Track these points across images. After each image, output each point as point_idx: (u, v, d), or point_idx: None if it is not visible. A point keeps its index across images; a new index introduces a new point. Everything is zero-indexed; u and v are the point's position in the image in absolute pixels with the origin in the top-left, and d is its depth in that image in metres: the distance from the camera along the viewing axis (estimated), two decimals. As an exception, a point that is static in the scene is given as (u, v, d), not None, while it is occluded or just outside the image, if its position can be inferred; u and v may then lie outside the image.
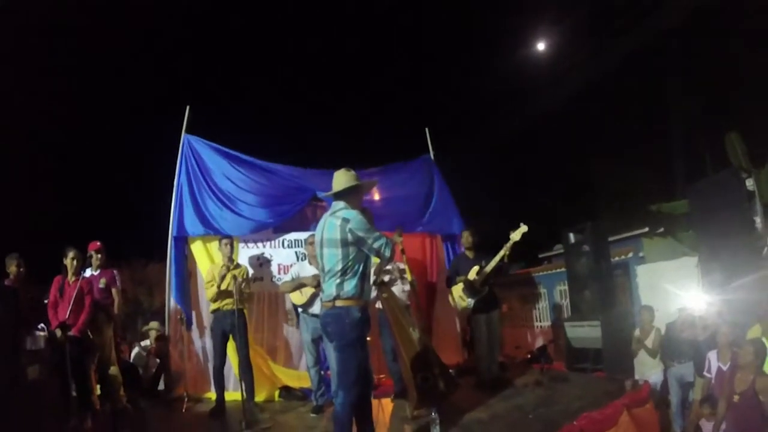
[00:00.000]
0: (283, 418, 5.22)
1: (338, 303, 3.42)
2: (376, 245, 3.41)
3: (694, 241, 6.97)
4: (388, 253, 3.44)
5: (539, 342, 8.92)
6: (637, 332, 5.79)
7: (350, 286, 3.41)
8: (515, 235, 5.77)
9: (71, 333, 4.91)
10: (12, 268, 5.24)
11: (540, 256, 12.03)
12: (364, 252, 3.46)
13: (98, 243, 5.97)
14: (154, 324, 7.37)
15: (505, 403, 5.03)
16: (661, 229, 8.03)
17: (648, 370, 5.58)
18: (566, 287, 7.94)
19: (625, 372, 5.53)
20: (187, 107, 6.91)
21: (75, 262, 5.24)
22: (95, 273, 5.90)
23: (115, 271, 6.07)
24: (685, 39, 10.45)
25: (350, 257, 3.41)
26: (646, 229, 8.24)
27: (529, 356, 7.91)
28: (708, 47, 10.58)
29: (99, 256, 5.92)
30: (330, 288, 3.47)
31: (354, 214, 3.46)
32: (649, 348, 5.60)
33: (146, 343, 7.12)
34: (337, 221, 3.45)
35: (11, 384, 3.96)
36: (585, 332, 6.34)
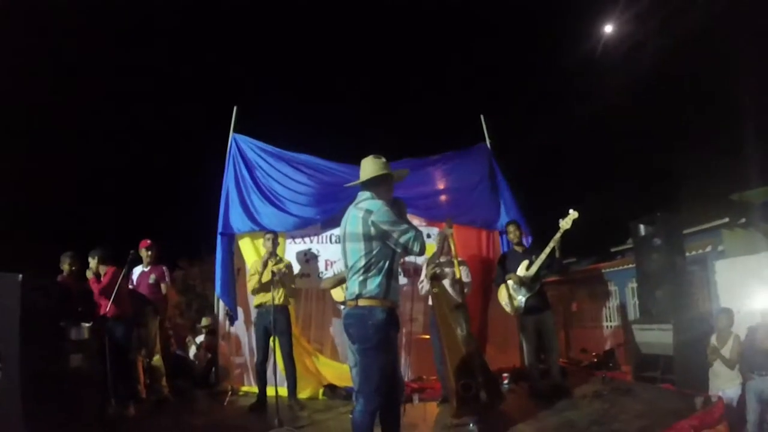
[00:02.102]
0: (321, 417, 5.12)
1: (361, 302, 3.13)
2: (402, 239, 3.08)
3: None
4: (417, 248, 3.10)
5: (609, 344, 8.31)
6: (713, 339, 5.11)
7: (374, 284, 3.10)
8: (565, 223, 5.36)
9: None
10: (65, 266, 5.46)
11: (612, 250, 11.18)
12: (390, 247, 3.16)
13: (148, 241, 6.16)
14: (205, 321, 7.54)
15: (556, 416, 4.58)
16: (743, 220, 7.14)
17: (724, 383, 4.89)
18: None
19: (697, 385, 4.90)
20: (234, 107, 6.95)
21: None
22: (146, 269, 6.09)
23: (164, 268, 6.23)
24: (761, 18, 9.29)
25: (373, 252, 3.12)
26: (726, 220, 7.34)
27: (595, 360, 7.35)
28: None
29: (149, 252, 6.12)
30: (353, 286, 3.18)
31: (378, 205, 3.16)
32: (726, 358, 4.92)
33: (201, 338, 7.28)
34: (359, 213, 3.17)
35: (54, 370, 4.10)
36: (655, 337, 5.73)
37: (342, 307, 5.66)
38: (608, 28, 10.54)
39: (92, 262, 5.37)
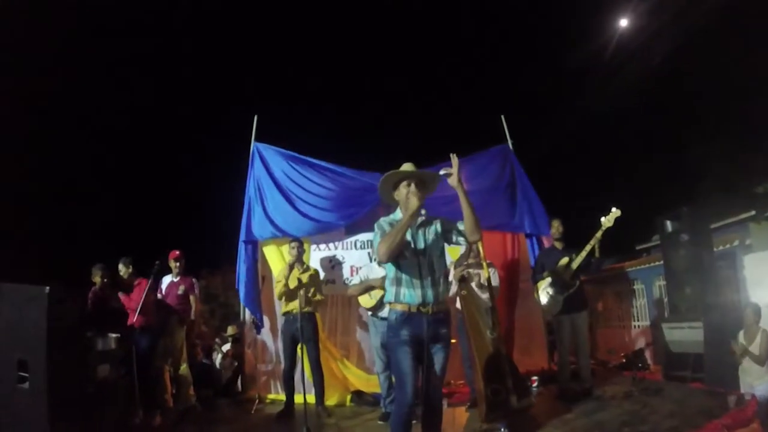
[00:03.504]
0: (348, 424, 5.15)
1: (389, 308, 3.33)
2: (378, 248, 3.21)
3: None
4: (375, 253, 3.27)
5: (637, 344, 8.18)
6: (741, 336, 5.01)
7: (388, 290, 3.31)
8: (607, 221, 5.26)
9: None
10: (97, 278, 5.59)
11: (638, 248, 11.04)
12: None
13: (177, 252, 6.25)
14: (230, 329, 7.62)
15: (586, 419, 4.55)
16: (771, 212, 6.99)
17: (754, 380, 4.77)
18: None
19: (728, 382, 4.80)
20: (255, 116, 7.03)
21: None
22: (175, 280, 6.19)
23: (193, 279, 6.32)
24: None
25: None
26: (753, 213, 7.18)
27: (624, 360, 7.25)
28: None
29: (178, 264, 6.20)
30: None
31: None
32: (755, 354, 4.81)
33: (227, 347, 7.36)
34: None
35: (80, 381, 4.20)
36: (684, 335, 5.64)
37: (369, 313, 5.69)
38: (623, 22, 10.43)
39: (123, 270, 5.51)
